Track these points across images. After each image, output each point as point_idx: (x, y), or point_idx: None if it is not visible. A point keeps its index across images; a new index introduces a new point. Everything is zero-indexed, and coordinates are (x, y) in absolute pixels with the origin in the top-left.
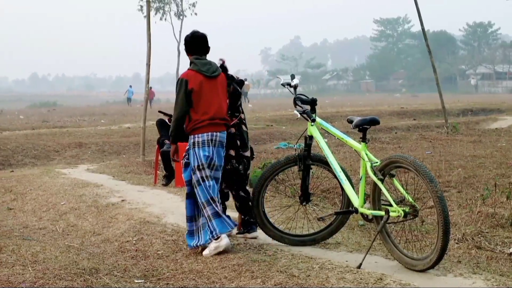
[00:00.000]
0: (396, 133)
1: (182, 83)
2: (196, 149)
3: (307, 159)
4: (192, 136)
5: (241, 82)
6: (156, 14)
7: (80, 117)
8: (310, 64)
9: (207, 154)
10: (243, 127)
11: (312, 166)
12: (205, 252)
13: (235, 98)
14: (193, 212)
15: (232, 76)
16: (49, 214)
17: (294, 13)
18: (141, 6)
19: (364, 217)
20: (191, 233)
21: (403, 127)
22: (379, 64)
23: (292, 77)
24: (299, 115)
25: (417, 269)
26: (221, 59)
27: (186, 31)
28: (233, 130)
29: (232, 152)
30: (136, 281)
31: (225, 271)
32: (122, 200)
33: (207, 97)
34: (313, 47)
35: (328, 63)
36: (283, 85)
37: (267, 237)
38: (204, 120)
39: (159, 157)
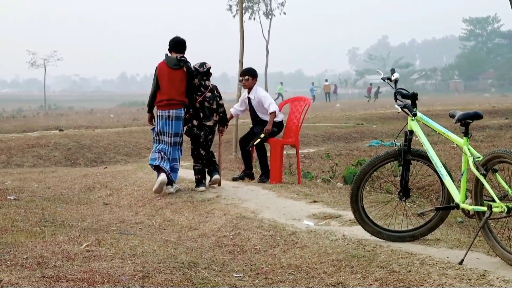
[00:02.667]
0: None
1: (155, 70)
2: (158, 120)
3: (407, 154)
4: (157, 111)
5: (206, 73)
6: (244, 13)
7: None
8: (398, 64)
9: (162, 125)
10: (206, 103)
11: (411, 161)
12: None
13: (191, 84)
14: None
15: (196, 69)
16: (145, 209)
17: (382, 12)
18: (230, 6)
19: (465, 213)
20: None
21: (495, 126)
22: (468, 64)
23: (392, 71)
24: (400, 110)
25: None
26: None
27: (275, 30)
28: (197, 105)
29: (195, 122)
30: (235, 275)
31: (324, 266)
32: (217, 196)
33: (167, 83)
34: (401, 47)
35: (416, 62)
36: (383, 79)
37: (366, 232)
38: (162, 100)
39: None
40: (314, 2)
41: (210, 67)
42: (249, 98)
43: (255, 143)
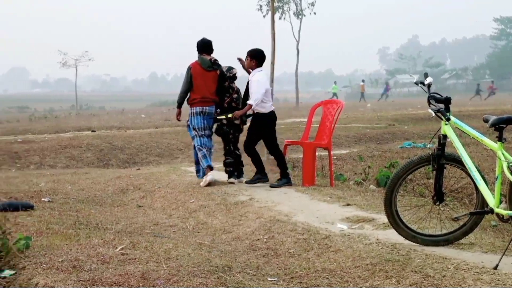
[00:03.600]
0: None
1: (188, 69)
2: (192, 117)
3: (441, 158)
4: (190, 108)
5: (233, 77)
6: (275, 13)
7: None
8: (428, 63)
9: (198, 120)
10: (233, 104)
11: (445, 165)
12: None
13: (222, 85)
14: (196, 157)
15: (225, 72)
16: (178, 211)
17: (412, 12)
18: (260, 6)
19: (500, 217)
20: (197, 171)
21: None
22: (499, 63)
23: (426, 75)
24: (433, 114)
25: None
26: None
27: (305, 31)
28: (225, 105)
29: (224, 121)
30: (269, 279)
31: (359, 270)
32: (251, 199)
33: (200, 82)
34: (432, 46)
35: (447, 62)
36: (416, 83)
37: (400, 236)
38: (196, 98)
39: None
40: (344, 2)
41: (236, 72)
42: (248, 81)
43: (218, 117)
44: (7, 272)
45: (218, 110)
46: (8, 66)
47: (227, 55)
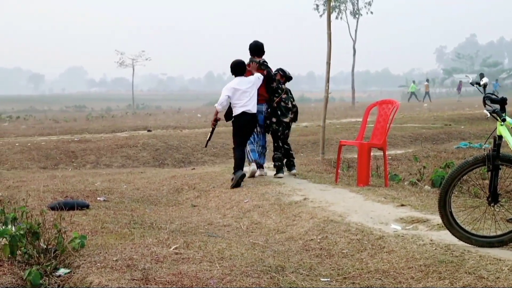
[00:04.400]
0: None
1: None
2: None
3: (496, 159)
4: None
5: (289, 78)
6: (332, 12)
7: None
8: (486, 63)
9: None
10: (283, 103)
11: (500, 167)
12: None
13: (269, 86)
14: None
15: (273, 74)
16: (232, 211)
17: (470, 10)
18: (317, 5)
19: None
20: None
21: None
22: None
23: (481, 76)
24: (489, 115)
25: None
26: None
27: (362, 29)
28: (275, 105)
29: (274, 119)
30: (322, 279)
31: (412, 271)
32: (305, 199)
33: None
34: (490, 45)
35: (505, 61)
36: (472, 84)
37: (453, 237)
38: None
39: (340, 156)
40: (401, 1)
41: (288, 73)
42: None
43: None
44: (62, 271)
45: (268, 110)
46: (66, 66)
47: (284, 54)
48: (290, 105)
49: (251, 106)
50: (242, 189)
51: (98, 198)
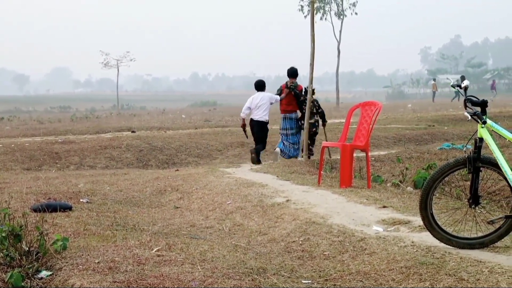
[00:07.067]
0: None
1: (280, 88)
2: (281, 121)
3: (477, 161)
4: (281, 115)
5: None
6: (316, 13)
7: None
8: (470, 64)
9: (283, 124)
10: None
11: (481, 169)
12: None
13: (299, 101)
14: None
15: (300, 92)
16: (215, 213)
17: (455, 11)
18: (301, 6)
19: None
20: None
21: None
22: None
23: (462, 78)
24: (469, 117)
25: None
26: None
27: (346, 30)
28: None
29: (302, 122)
30: (304, 281)
31: (393, 273)
32: (287, 200)
33: (285, 98)
34: (474, 46)
35: (489, 62)
36: (453, 86)
37: (435, 239)
38: (281, 109)
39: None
40: (386, 2)
41: (310, 88)
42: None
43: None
44: (44, 273)
45: (299, 116)
46: (51, 66)
47: (270, 54)
48: (314, 111)
49: (259, 115)
50: (225, 191)
51: (81, 200)
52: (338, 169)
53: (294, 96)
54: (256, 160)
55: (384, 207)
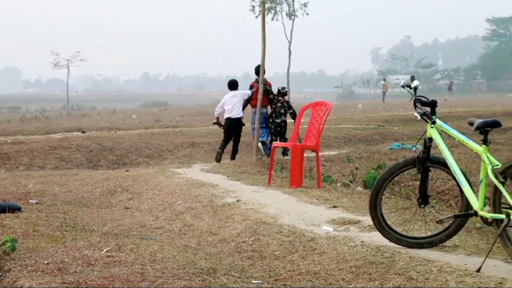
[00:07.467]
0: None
1: (251, 85)
2: (252, 115)
3: (426, 161)
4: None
5: (283, 94)
6: (267, 14)
7: (192, 116)
8: (420, 64)
9: (253, 118)
10: (277, 109)
11: (431, 168)
12: None
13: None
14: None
15: (270, 88)
16: (165, 213)
17: (405, 12)
18: (253, 7)
19: (484, 220)
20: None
21: None
22: (491, 64)
23: (412, 78)
24: (419, 117)
25: None
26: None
27: (298, 31)
28: (271, 110)
29: (270, 120)
30: (254, 281)
31: (343, 272)
32: (238, 200)
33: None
34: (424, 47)
35: (439, 62)
36: (403, 86)
37: (384, 239)
38: (253, 105)
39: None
40: (337, 1)
41: (282, 89)
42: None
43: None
44: None
45: (268, 113)
46: (0, 66)
47: (222, 54)
48: (283, 111)
49: (235, 113)
50: (175, 191)
51: (31, 201)
52: (288, 169)
53: (266, 92)
54: (230, 158)
55: (334, 207)
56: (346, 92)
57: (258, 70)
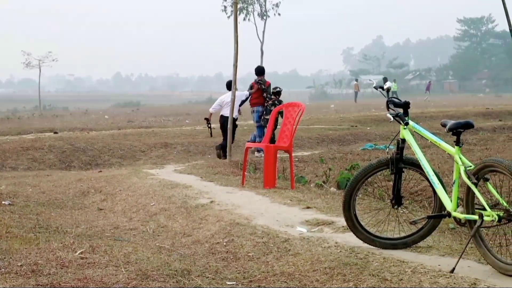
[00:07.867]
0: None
1: (251, 85)
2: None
3: (400, 162)
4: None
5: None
6: (239, 14)
7: (164, 117)
8: (392, 64)
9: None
10: (269, 107)
11: (404, 169)
12: None
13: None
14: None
15: (269, 87)
16: (139, 215)
17: (376, 13)
18: (225, 7)
19: (457, 221)
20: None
21: (489, 128)
22: (462, 64)
23: (385, 80)
24: (392, 118)
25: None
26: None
27: (270, 31)
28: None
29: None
30: (228, 283)
31: (317, 274)
32: (211, 202)
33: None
34: (396, 47)
35: (411, 63)
36: (375, 88)
37: (358, 240)
38: (252, 104)
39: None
40: (309, 3)
41: (274, 89)
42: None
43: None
44: None
45: (263, 111)
46: None
47: (194, 54)
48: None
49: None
50: (148, 192)
51: (3, 202)
52: (261, 170)
53: (262, 91)
54: (222, 156)
55: (308, 208)
56: (319, 93)
57: (258, 71)
